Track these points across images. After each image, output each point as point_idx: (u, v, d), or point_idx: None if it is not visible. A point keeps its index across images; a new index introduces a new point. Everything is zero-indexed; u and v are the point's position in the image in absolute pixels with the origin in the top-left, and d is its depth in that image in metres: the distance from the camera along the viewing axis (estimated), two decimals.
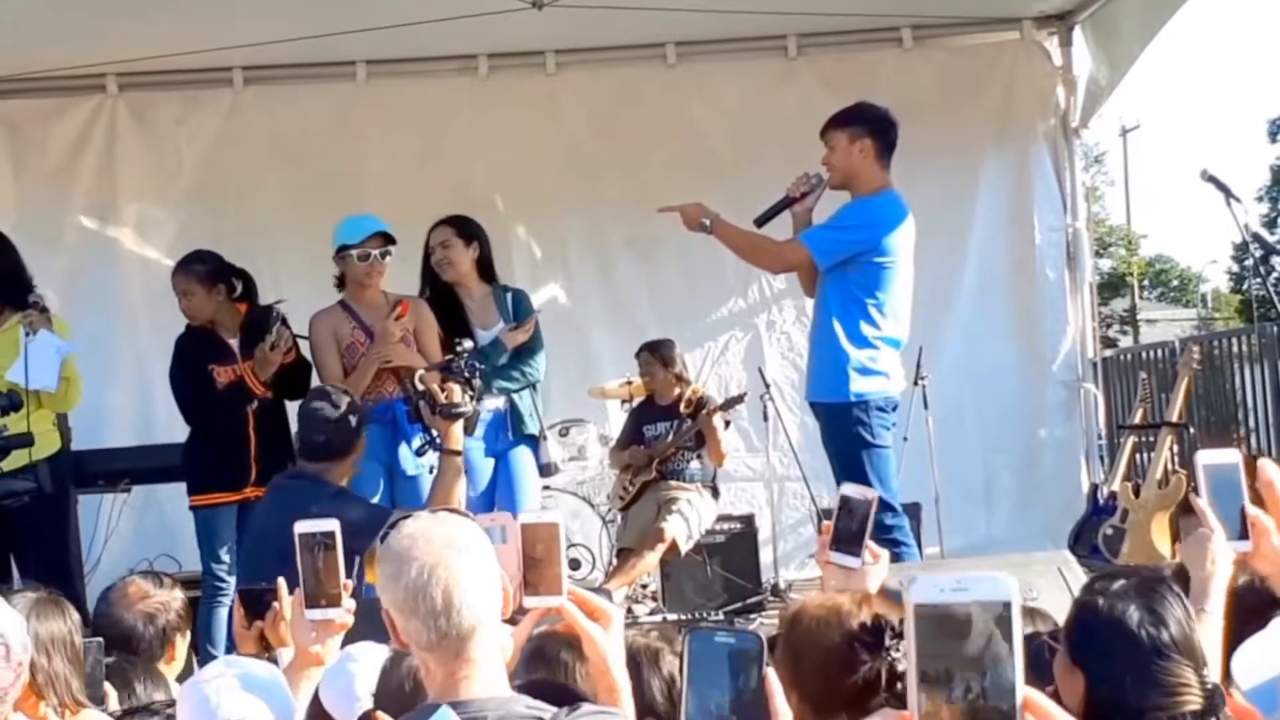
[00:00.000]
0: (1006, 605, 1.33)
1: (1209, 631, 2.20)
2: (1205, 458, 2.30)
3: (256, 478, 4.99)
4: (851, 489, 2.57)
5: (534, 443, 5.31)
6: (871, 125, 4.83)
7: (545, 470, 5.34)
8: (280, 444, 5.13)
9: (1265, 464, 2.29)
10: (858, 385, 4.77)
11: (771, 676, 1.72)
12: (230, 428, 5.04)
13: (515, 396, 5.22)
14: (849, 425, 4.75)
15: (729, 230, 4.92)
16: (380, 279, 5.07)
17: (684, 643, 1.77)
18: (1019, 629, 1.32)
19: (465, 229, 5.27)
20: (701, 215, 4.89)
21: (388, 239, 5.03)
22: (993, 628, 1.32)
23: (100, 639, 2.82)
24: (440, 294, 5.25)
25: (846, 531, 2.52)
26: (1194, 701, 1.92)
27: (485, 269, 5.31)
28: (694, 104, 7.25)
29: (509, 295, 5.38)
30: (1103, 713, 1.63)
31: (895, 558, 4.52)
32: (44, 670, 2.45)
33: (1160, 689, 1.92)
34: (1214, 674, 2.21)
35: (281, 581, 2.68)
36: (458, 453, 4.24)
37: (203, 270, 5.15)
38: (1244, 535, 2.26)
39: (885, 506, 4.66)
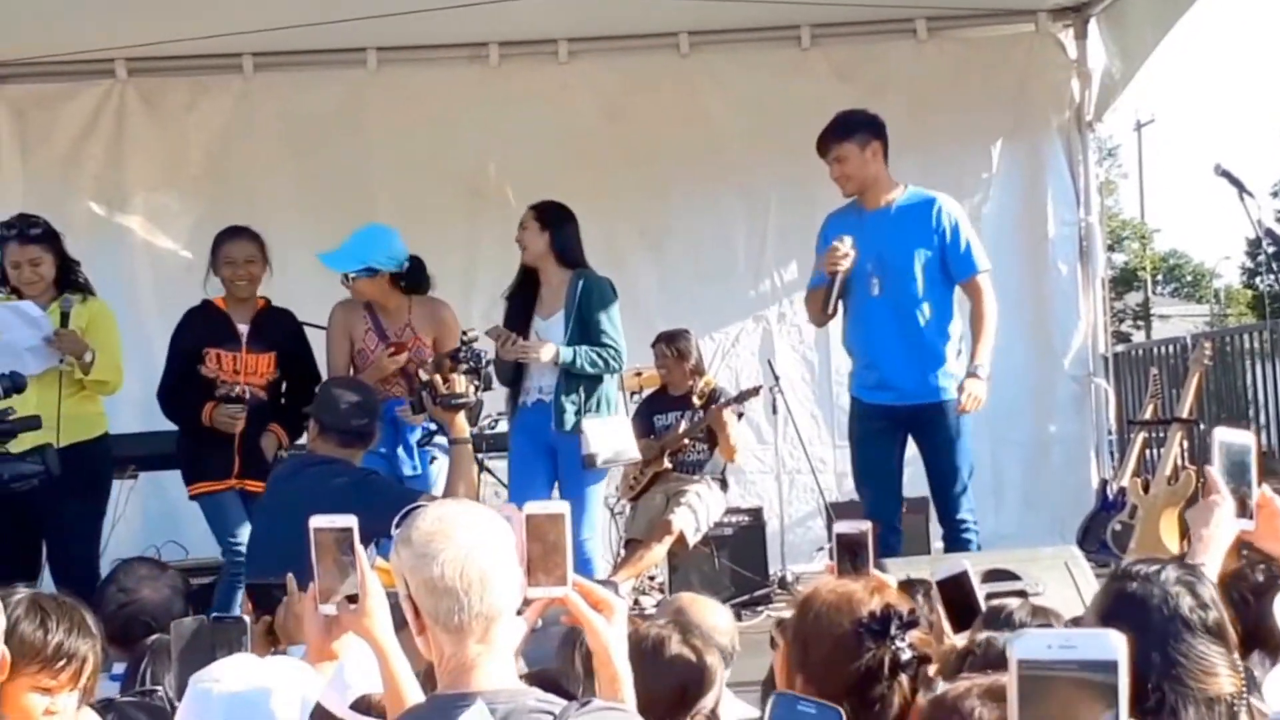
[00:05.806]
0: (1113, 664, 1.33)
1: None
2: (1223, 434, 2.38)
3: (240, 469, 5.04)
4: (844, 525, 2.66)
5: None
6: (872, 129, 5.05)
7: (584, 463, 5.19)
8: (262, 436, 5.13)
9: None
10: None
11: None
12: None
13: (561, 388, 5.12)
14: (956, 422, 4.96)
15: (987, 360, 5.03)
16: (374, 290, 5.02)
17: (768, 706, 1.84)
18: (1125, 687, 1.33)
19: (544, 214, 5.21)
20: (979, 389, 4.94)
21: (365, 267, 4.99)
22: (1098, 685, 1.32)
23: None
24: (524, 276, 5.28)
25: (848, 568, 2.58)
26: (1227, 683, 1.86)
27: (562, 256, 5.20)
28: (706, 94, 7.21)
29: (580, 283, 5.17)
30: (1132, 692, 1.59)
31: (964, 545, 4.80)
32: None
33: (1192, 667, 1.86)
34: None
35: (290, 577, 2.65)
36: (466, 441, 4.23)
37: (263, 245, 5.18)
38: (1249, 515, 2.32)
39: (965, 490, 4.99)
